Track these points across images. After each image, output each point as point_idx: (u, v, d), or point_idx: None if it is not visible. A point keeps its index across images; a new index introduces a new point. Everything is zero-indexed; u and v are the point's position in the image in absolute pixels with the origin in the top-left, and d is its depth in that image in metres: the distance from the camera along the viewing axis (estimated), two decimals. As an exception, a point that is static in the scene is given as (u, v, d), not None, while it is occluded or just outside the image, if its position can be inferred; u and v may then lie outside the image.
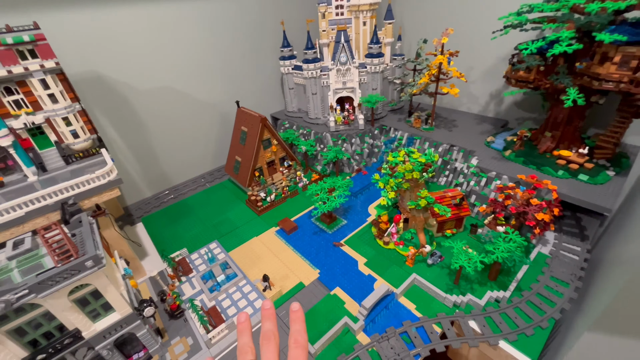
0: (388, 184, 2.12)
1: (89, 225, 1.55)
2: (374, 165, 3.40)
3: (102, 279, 1.40)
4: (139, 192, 3.30)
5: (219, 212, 2.96)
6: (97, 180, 1.83)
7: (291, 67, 3.54)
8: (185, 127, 3.35)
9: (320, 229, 2.61)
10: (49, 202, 1.70)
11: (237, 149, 3.18)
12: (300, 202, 2.98)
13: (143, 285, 2.21)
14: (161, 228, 2.82)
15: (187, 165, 3.53)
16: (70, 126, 2.09)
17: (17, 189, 1.89)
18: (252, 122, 2.95)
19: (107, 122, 2.83)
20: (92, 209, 1.81)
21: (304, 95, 3.68)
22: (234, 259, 2.34)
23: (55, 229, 1.31)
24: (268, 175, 3.18)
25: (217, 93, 3.47)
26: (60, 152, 2.10)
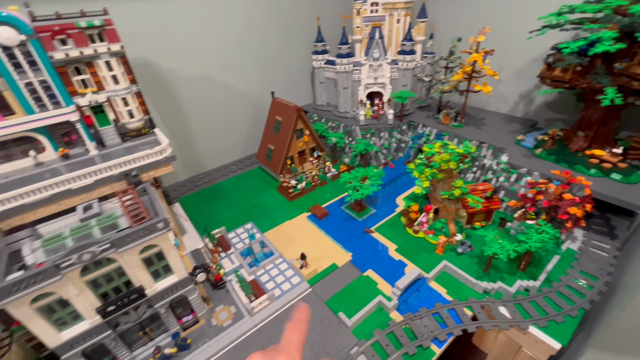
0: (423, 174, 2.21)
1: (153, 192, 1.70)
2: (401, 159, 3.48)
3: (167, 241, 1.54)
4: (175, 175, 3.47)
5: (252, 196, 3.09)
6: (156, 155, 1.98)
7: (323, 62, 3.65)
8: (220, 114, 3.50)
9: (350, 216, 2.71)
10: (114, 172, 1.86)
11: (270, 138, 3.31)
12: (330, 191, 3.09)
13: (185, 258, 2.35)
14: (197, 209, 2.98)
15: (220, 151, 3.69)
16: (127, 106, 2.25)
17: (80, 161, 2.06)
18: (286, 112, 3.08)
19: (151, 105, 3.00)
20: (151, 182, 1.96)
21: (334, 89, 3.79)
22: (269, 239, 2.46)
23: (131, 193, 1.46)
24: (299, 164, 3.30)
25: (251, 83, 3.61)
26: (117, 130, 2.27)
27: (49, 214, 1.74)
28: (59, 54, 1.93)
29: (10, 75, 1.84)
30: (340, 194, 3.00)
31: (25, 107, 1.94)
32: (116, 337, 1.60)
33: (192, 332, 1.85)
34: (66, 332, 1.43)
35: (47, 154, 2.08)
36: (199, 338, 1.80)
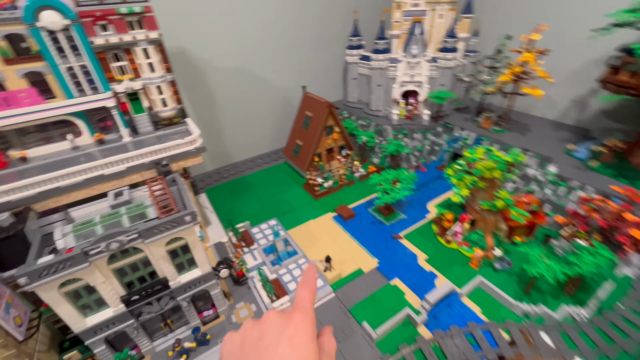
0: (462, 181, 2.05)
1: (182, 184, 1.67)
2: (433, 163, 3.30)
3: (193, 235, 1.51)
4: (202, 165, 3.49)
5: (277, 192, 3.05)
6: (186, 145, 1.96)
7: (358, 57, 3.52)
8: (250, 106, 3.47)
9: (378, 220, 2.60)
10: (145, 160, 1.86)
11: (298, 133, 3.24)
12: (357, 191, 2.98)
13: (209, 250, 2.34)
14: (223, 200, 2.97)
15: (247, 144, 3.67)
16: (162, 94, 2.25)
17: (113, 147, 2.08)
18: (317, 107, 2.99)
19: (183, 94, 3.00)
20: (180, 172, 1.95)
21: (366, 86, 3.65)
22: (292, 238, 2.40)
23: (160, 183, 1.43)
24: (326, 161, 3.21)
25: (282, 76, 3.55)
26: (150, 117, 2.28)
27: (82, 198, 1.77)
28: (99, 40, 1.94)
29: (53, 59, 1.88)
30: (367, 195, 2.88)
31: (66, 91, 1.98)
32: (138, 326, 1.59)
33: (212, 327, 1.82)
34: (91, 318, 1.43)
35: (83, 138, 2.12)
36: (219, 334, 1.77)
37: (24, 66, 1.86)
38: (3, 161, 1.87)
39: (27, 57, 1.86)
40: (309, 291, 0.46)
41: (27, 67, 1.87)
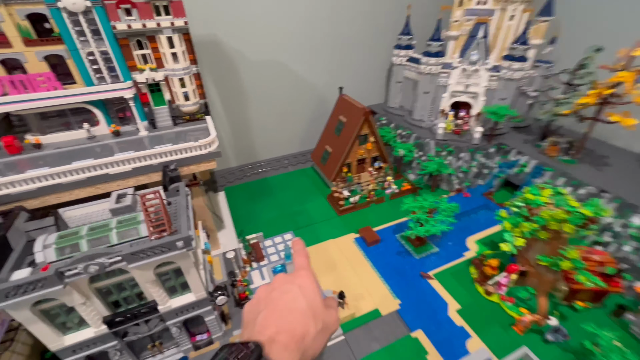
0: (519, 227, 1.66)
1: (185, 196, 1.48)
2: (479, 188, 2.87)
3: (187, 260, 1.31)
4: (226, 161, 3.35)
5: (298, 200, 2.81)
6: (199, 149, 1.77)
7: (405, 58, 3.13)
8: (281, 104, 3.24)
9: (406, 250, 2.27)
10: (153, 162, 1.69)
11: (329, 138, 2.96)
12: (386, 211, 2.66)
13: (216, 260, 2.17)
14: (241, 203, 2.80)
15: (274, 143, 3.47)
16: (184, 88, 2.08)
17: (129, 141, 1.95)
18: (353, 113, 2.68)
19: (212, 85, 2.85)
20: (189, 178, 1.77)
21: (411, 92, 3.26)
22: (307, 259, 2.15)
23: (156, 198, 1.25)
24: (356, 172, 2.91)
25: (319, 74, 3.26)
26: (170, 111, 2.12)
27: (84, 197, 1.65)
28: (122, 25, 1.79)
29: (73, 43, 1.76)
30: (397, 218, 2.55)
31: (85, 77, 1.86)
32: (123, 347, 1.45)
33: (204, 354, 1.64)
34: (69, 337, 1.30)
35: (100, 128, 2.01)
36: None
37: (45, 48, 1.76)
38: (17, 146, 1.81)
39: (48, 39, 1.76)
40: (305, 256, 0.58)
41: (48, 50, 1.77)
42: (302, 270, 0.54)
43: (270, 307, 0.48)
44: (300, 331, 0.45)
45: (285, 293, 0.50)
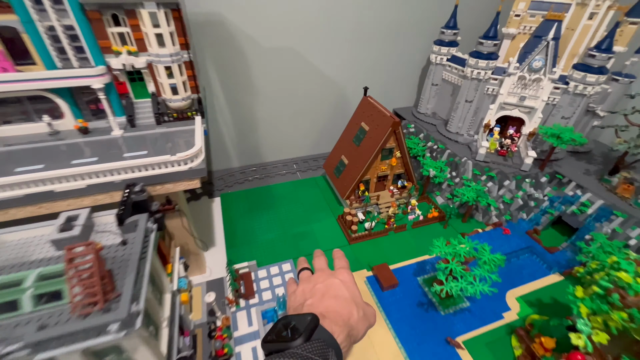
0: (600, 315, 1.19)
1: (143, 238, 1.08)
2: (521, 223, 2.38)
3: (132, 341, 0.92)
4: (227, 160, 2.95)
5: (304, 219, 2.39)
6: (176, 164, 1.36)
7: (447, 57, 2.61)
8: (293, 100, 2.79)
9: (429, 300, 1.84)
10: (115, 178, 1.30)
11: (346, 147, 2.51)
12: (407, 243, 2.22)
13: (197, 291, 1.80)
14: (237, 215, 2.41)
15: (283, 143, 3.04)
16: (172, 78, 1.67)
17: (98, 142, 1.56)
18: (379, 121, 2.21)
19: (214, 73, 2.42)
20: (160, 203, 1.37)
21: (449, 98, 2.75)
22: (306, 301, 1.76)
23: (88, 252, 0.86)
24: (374, 190, 2.47)
25: (340, 68, 2.78)
26: (154, 106, 1.71)
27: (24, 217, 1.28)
28: (90, -8, 1.37)
29: (27, 13, 1.36)
30: (420, 255, 2.11)
31: (44, 58, 1.47)
32: None
33: None
34: None
35: (65, 122, 1.62)
36: None
37: (-9, 17, 1.37)
38: (-43, 140, 1.46)
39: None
40: (346, 261, 0.65)
41: (-4, 19, 1.39)
42: (342, 270, 0.60)
43: (317, 296, 0.54)
44: (345, 313, 0.51)
45: (330, 285, 0.56)
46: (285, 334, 0.46)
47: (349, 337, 0.49)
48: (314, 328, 0.46)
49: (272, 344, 0.45)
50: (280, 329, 0.47)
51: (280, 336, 0.46)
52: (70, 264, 0.85)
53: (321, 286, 0.56)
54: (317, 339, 0.45)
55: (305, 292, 0.56)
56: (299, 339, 0.44)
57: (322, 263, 0.65)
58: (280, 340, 0.45)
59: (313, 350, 0.43)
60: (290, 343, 0.44)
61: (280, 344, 0.44)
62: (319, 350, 0.43)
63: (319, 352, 0.43)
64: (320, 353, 0.43)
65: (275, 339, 0.46)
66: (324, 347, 0.44)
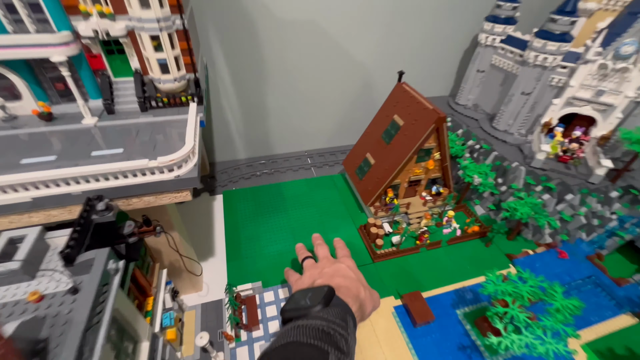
0: None
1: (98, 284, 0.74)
2: (580, 245, 1.98)
3: None
4: (233, 151, 2.59)
5: (319, 226, 2.04)
6: (157, 172, 1.00)
7: (501, 38, 2.14)
8: (312, 83, 2.37)
9: (473, 343, 1.49)
10: (72, 189, 0.95)
11: (373, 144, 2.11)
12: (443, 263, 1.85)
13: (190, 316, 1.49)
14: (242, 218, 2.06)
15: (296, 133, 2.65)
16: (160, 52, 1.28)
17: (63, 133, 1.21)
18: (417, 114, 1.80)
19: (219, 49, 2.01)
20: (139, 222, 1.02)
21: (497, 87, 2.29)
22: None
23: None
24: (403, 197, 2.09)
25: (368, 48, 2.33)
26: (137, 88, 1.34)
27: (-50, 236, 0.95)
28: None
29: (-45, -48, 0.98)
30: (461, 279, 1.75)
31: (-12, 19, 1.11)
32: None
33: None
34: None
35: (23, 105, 1.27)
36: None
37: None
38: None
39: None
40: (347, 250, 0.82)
41: None
42: (345, 257, 0.76)
43: (326, 277, 0.67)
44: (354, 290, 0.61)
45: (337, 269, 0.69)
46: (303, 302, 0.56)
47: (359, 310, 0.61)
48: (331, 297, 0.56)
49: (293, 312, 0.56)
50: (299, 298, 0.59)
51: (300, 304, 0.57)
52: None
53: (328, 270, 0.72)
54: (335, 306, 0.55)
55: (313, 276, 0.72)
56: (318, 305, 0.54)
57: (325, 251, 0.84)
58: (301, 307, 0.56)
59: (333, 314, 0.52)
60: (310, 309, 0.54)
61: (300, 310, 0.55)
62: (339, 315, 0.53)
63: (338, 316, 0.52)
64: (340, 317, 0.52)
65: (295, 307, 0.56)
66: (342, 312, 0.54)
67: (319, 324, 0.47)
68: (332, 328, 0.47)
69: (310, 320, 0.46)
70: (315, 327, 0.46)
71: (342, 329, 0.48)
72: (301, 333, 0.46)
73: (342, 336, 0.48)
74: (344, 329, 0.49)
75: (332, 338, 0.46)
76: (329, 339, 0.46)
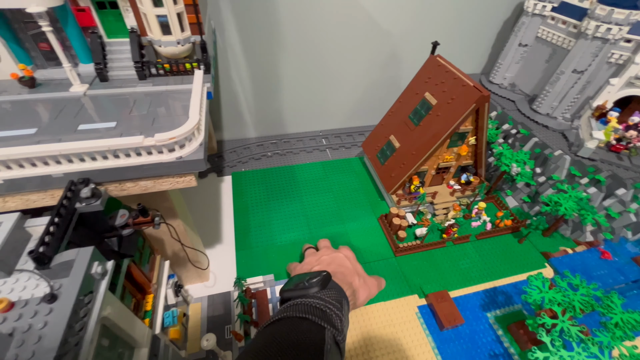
0: None
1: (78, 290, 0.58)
2: (624, 245, 1.78)
3: None
4: (242, 128, 2.39)
5: (335, 214, 1.88)
6: (155, 152, 0.82)
7: (553, 5, 1.85)
8: (330, 55, 2.13)
9: (505, 350, 1.34)
10: (52, 170, 0.78)
11: (397, 125, 1.89)
12: (472, 260, 1.68)
13: (196, 308, 1.37)
14: (252, 203, 1.91)
15: (312, 111, 2.43)
16: (160, 6, 1.07)
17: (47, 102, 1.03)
18: (455, 92, 1.57)
19: (229, 10, 1.77)
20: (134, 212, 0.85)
21: (542, 64, 2.03)
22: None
23: None
24: (429, 185, 1.89)
25: (395, 14, 2.06)
26: (134, 51, 1.14)
27: None
28: None
29: None
30: (489, 279, 1.59)
31: (-52, -45, 0.90)
32: None
33: None
34: None
35: (0, 67, 1.10)
36: None
37: None
38: None
39: None
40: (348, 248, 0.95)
41: None
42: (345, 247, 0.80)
43: (323, 264, 0.71)
44: (348, 277, 0.66)
45: (334, 257, 0.74)
46: (301, 284, 0.59)
47: (352, 296, 0.65)
48: (328, 281, 0.60)
49: (291, 292, 0.57)
50: (297, 280, 0.61)
51: (298, 286, 0.59)
52: None
53: (326, 257, 0.77)
54: (331, 288, 0.58)
55: (311, 262, 0.77)
56: (316, 287, 0.57)
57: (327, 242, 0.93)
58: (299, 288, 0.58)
59: (330, 295, 0.55)
60: (308, 290, 0.55)
61: (299, 291, 0.57)
62: (335, 296, 0.56)
63: (334, 298, 0.55)
64: (335, 299, 0.55)
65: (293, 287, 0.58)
66: (338, 295, 0.58)
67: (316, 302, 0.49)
68: (328, 307, 0.50)
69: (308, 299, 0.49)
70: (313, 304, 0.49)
71: (338, 309, 0.51)
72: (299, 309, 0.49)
73: (337, 316, 0.50)
74: (339, 310, 0.51)
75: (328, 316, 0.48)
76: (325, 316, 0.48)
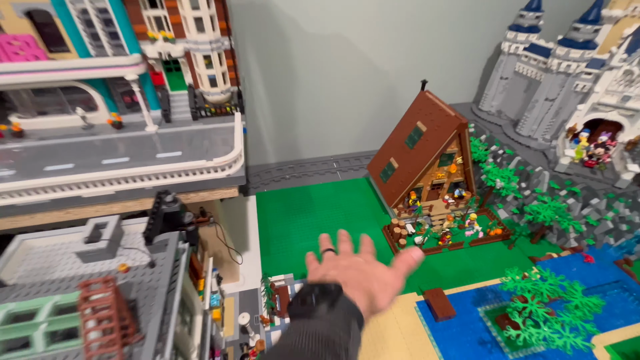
0: None
1: (172, 260, 0.91)
2: (607, 251, 1.97)
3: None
4: (263, 155, 2.78)
5: (344, 226, 2.17)
6: (212, 171, 1.18)
7: (524, 46, 2.20)
8: (339, 91, 2.53)
9: (493, 338, 1.55)
10: (145, 185, 1.15)
11: (396, 148, 2.22)
12: (464, 263, 1.92)
13: (229, 302, 1.67)
14: (273, 217, 2.24)
15: (323, 139, 2.80)
16: (211, 69, 1.48)
17: (132, 139, 1.43)
18: (440, 121, 1.90)
19: (255, 62, 2.22)
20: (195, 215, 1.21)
21: (521, 94, 2.34)
22: (348, 326, 1.55)
23: (107, 290, 0.70)
24: (426, 199, 2.18)
25: (393, 57, 2.45)
26: (190, 100, 1.55)
27: (51, 222, 1.18)
28: (124, -31, 1.20)
29: (58, -7, 1.23)
30: (482, 279, 1.82)
31: (77, 45, 1.34)
32: None
33: None
34: None
35: (99, 115, 1.51)
36: None
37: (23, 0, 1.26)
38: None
39: (28, -14, 1.24)
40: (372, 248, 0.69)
41: (29, 2, 1.27)
42: (367, 253, 0.65)
43: (340, 269, 0.58)
44: (364, 283, 0.54)
45: (353, 262, 0.60)
46: (309, 300, 0.48)
47: (371, 305, 0.52)
48: (337, 297, 0.48)
49: (298, 309, 0.48)
50: (305, 294, 0.49)
51: (305, 302, 0.48)
52: (86, 302, 0.69)
53: (344, 262, 0.61)
54: (341, 308, 0.48)
55: (328, 267, 0.61)
56: (323, 305, 0.47)
57: (347, 247, 0.70)
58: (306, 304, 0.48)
59: (337, 318, 0.47)
60: (314, 310, 0.46)
61: (305, 308, 0.48)
62: (342, 318, 0.47)
63: (342, 320, 0.47)
64: (343, 320, 0.47)
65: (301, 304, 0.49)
66: (347, 315, 0.48)
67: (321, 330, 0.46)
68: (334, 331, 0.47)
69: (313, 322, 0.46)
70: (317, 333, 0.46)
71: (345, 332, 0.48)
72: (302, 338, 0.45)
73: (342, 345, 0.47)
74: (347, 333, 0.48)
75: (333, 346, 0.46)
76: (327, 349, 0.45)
